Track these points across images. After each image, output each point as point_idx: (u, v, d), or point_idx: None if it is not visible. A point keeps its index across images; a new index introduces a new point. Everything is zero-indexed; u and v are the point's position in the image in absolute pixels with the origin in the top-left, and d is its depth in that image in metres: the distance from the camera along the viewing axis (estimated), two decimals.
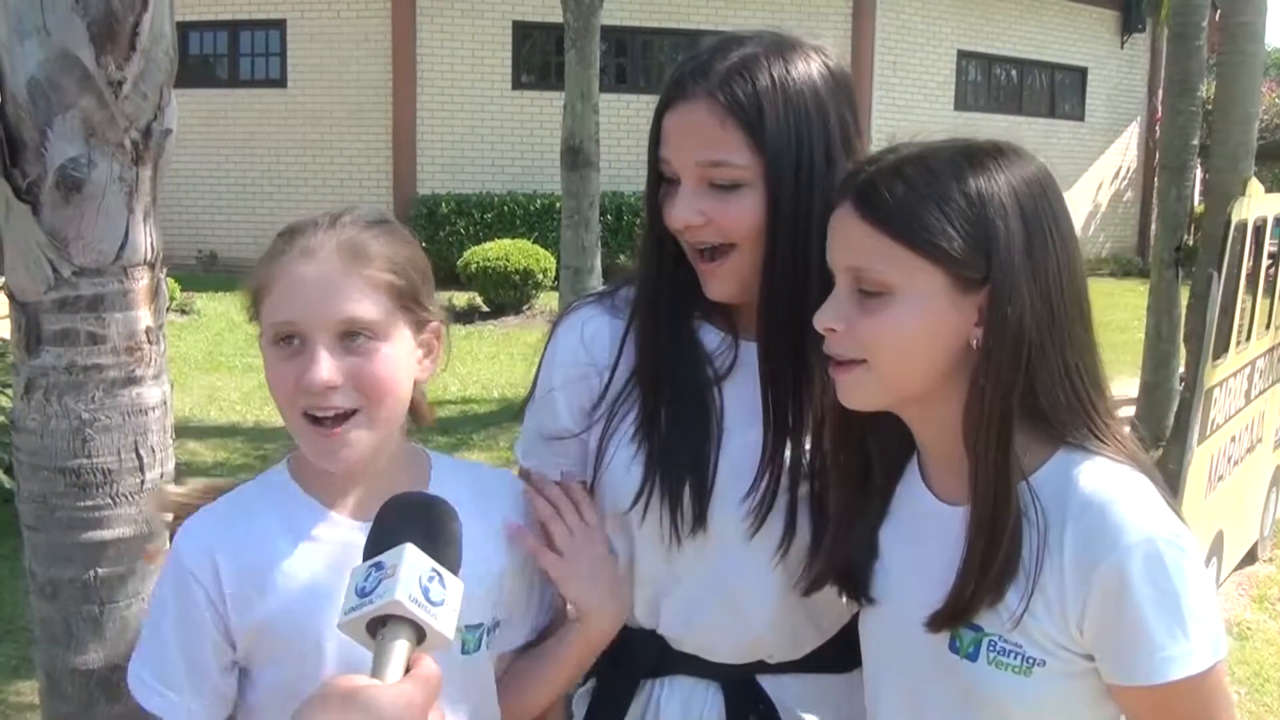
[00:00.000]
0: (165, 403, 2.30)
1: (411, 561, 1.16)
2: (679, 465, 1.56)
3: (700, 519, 1.56)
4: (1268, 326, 5.49)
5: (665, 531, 1.57)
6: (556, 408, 1.67)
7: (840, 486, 1.48)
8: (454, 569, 1.20)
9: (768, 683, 1.63)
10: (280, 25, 15.54)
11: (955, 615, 1.32)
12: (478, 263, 12.57)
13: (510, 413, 8.78)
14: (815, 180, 1.48)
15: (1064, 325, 1.30)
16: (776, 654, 1.63)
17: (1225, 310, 4.71)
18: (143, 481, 2.23)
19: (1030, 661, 1.30)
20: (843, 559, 1.48)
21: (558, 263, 10.24)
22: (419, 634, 1.14)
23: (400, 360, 1.46)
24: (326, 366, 1.39)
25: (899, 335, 1.29)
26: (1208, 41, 7.27)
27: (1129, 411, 7.86)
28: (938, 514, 1.40)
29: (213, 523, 1.49)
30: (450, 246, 14.18)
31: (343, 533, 1.47)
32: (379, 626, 1.14)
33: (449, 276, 13.62)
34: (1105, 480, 1.29)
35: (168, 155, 2.28)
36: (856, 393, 1.36)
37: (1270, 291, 5.44)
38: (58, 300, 2.16)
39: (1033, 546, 1.28)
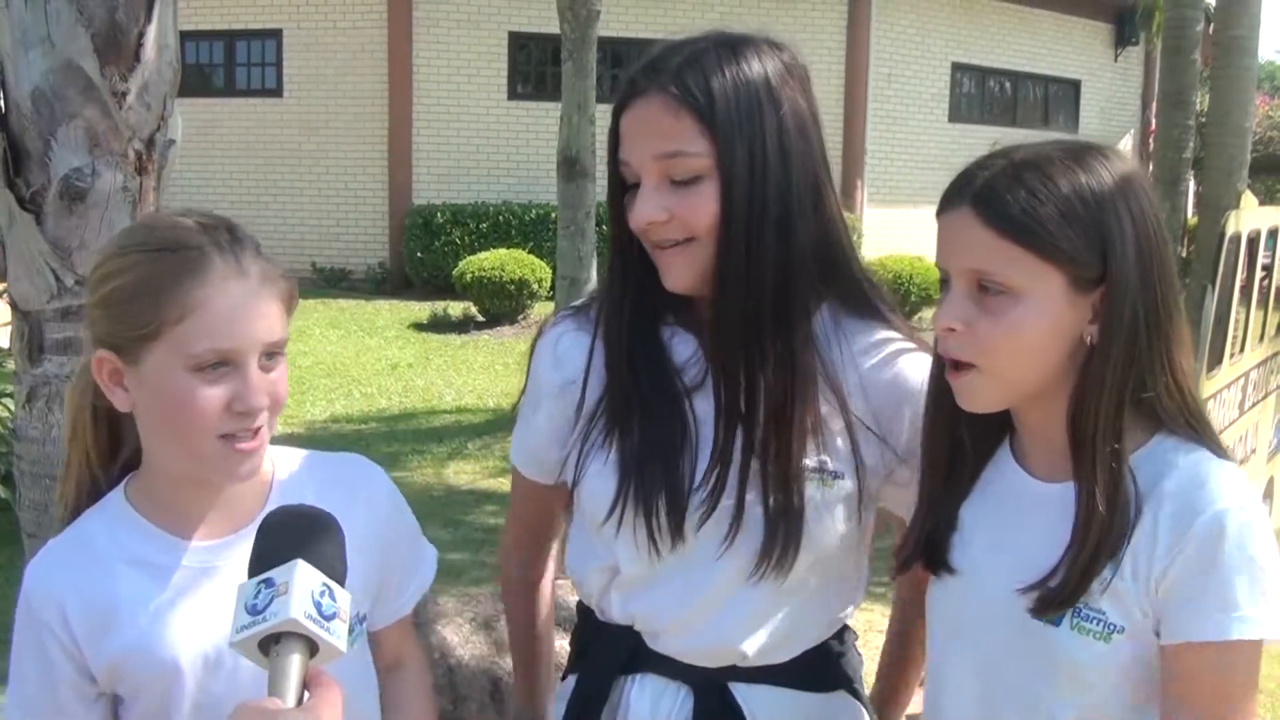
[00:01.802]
0: None
1: (303, 577, 1.17)
2: (652, 478, 1.56)
3: (678, 531, 1.56)
4: (1261, 338, 5.51)
5: (643, 545, 1.58)
6: (539, 426, 1.70)
7: (933, 469, 1.52)
8: (341, 580, 1.22)
9: (741, 691, 1.62)
10: (276, 35, 15.53)
11: (1070, 598, 1.36)
12: (473, 273, 12.57)
13: (504, 423, 8.79)
14: (769, 168, 1.48)
15: (1167, 320, 1.36)
16: (751, 657, 1.62)
17: (1219, 322, 4.73)
18: None
19: (1111, 628, 1.34)
20: (929, 535, 1.52)
21: (553, 273, 10.24)
22: (311, 647, 1.16)
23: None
24: (261, 389, 1.38)
25: (1020, 336, 1.34)
26: (1201, 55, 7.30)
27: None
28: (1034, 492, 1.44)
29: (56, 565, 1.44)
30: (446, 256, 14.19)
31: (191, 558, 1.45)
32: (271, 643, 1.15)
33: (444, 286, 13.64)
34: (1203, 459, 1.35)
35: (170, 165, 2.30)
36: (975, 397, 1.40)
37: (1264, 304, 5.46)
38: (60, 309, 2.18)
39: (1128, 519, 1.34)
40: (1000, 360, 1.35)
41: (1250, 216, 4.96)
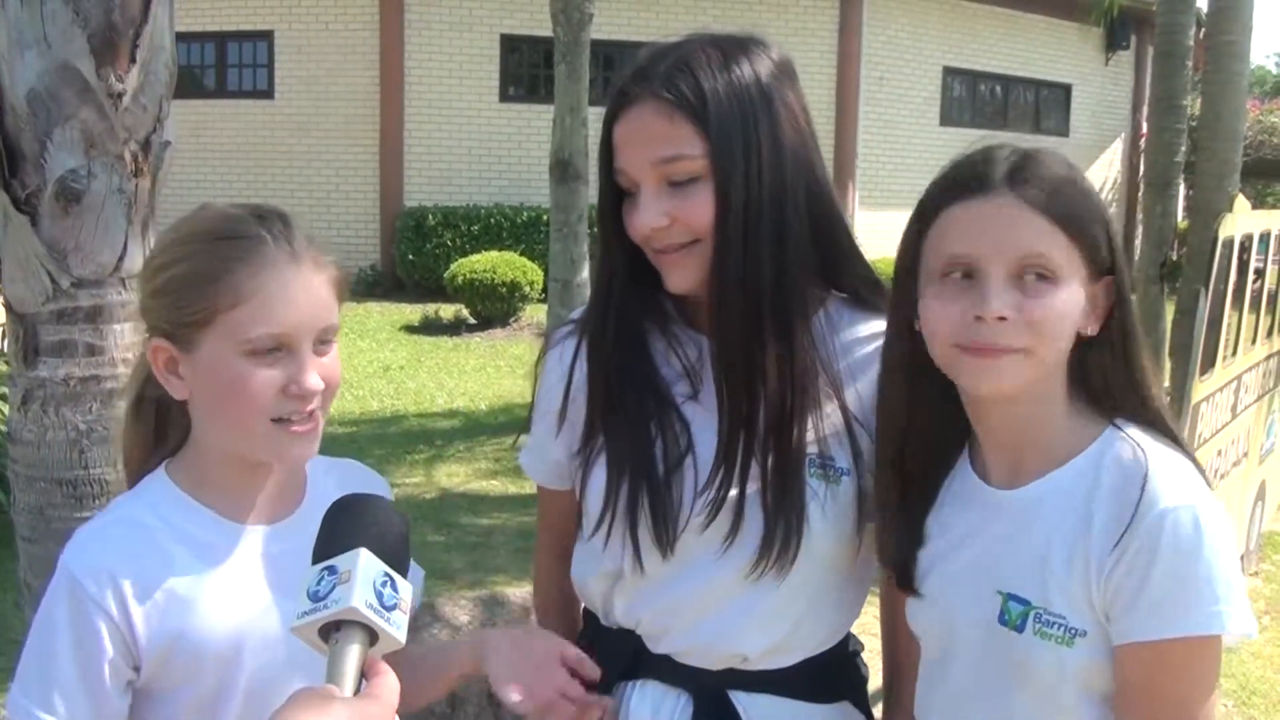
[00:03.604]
0: None
1: (366, 566, 1.17)
2: (635, 497, 1.57)
3: (666, 546, 1.56)
4: (1253, 341, 5.53)
5: (630, 559, 1.59)
6: (549, 437, 1.71)
7: (894, 478, 1.52)
8: (404, 572, 1.22)
9: (741, 699, 1.62)
10: (268, 36, 15.51)
11: None
12: (464, 275, 12.56)
13: (497, 425, 8.78)
14: (764, 164, 1.48)
15: (1136, 316, 1.43)
16: (752, 659, 1.61)
17: (1212, 325, 4.74)
18: None
19: (1073, 632, 1.34)
20: (893, 546, 1.53)
21: (545, 275, 10.22)
22: (371, 637, 1.16)
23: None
24: (314, 372, 1.41)
25: (1064, 319, 1.36)
26: (1192, 59, 7.31)
27: None
28: (992, 499, 1.44)
29: (108, 545, 1.41)
30: (437, 259, 14.18)
31: (246, 540, 1.47)
32: (332, 630, 1.15)
33: (436, 289, 13.62)
34: (1152, 454, 1.34)
35: (166, 167, 2.28)
36: (1009, 377, 1.36)
37: (1256, 307, 5.47)
38: (56, 311, 2.16)
39: (1083, 512, 1.35)
40: (1047, 343, 1.36)
41: (1243, 221, 4.98)
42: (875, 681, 1.77)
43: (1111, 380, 1.41)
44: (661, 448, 1.57)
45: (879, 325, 1.61)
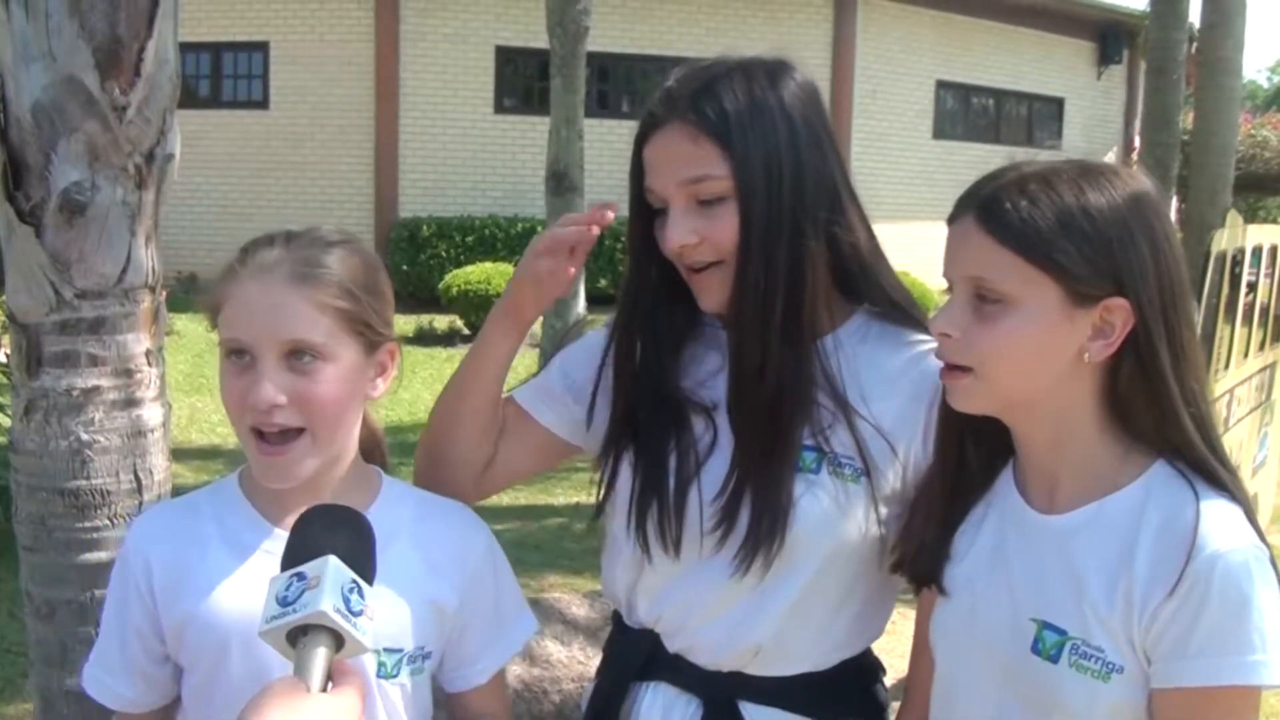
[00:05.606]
0: (164, 424, 2.31)
1: (334, 573, 1.19)
2: (646, 500, 1.62)
3: (671, 547, 1.61)
4: (1245, 354, 5.54)
5: (645, 564, 1.64)
6: (555, 382, 1.76)
7: (935, 482, 1.53)
8: (369, 581, 1.24)
9: (750, 710, 1.64)
10: (263, 47, 15.53)
11: None
12: (459, 286, 12.57)
13: None
14: (784, 184, 1.53)
15: (1179, 343, 1.34)
16: (763, 654, 1.63)
17: (1205, 339, 4.76)
18: (140, 503, 2.23)
19: (1110, 667, 1.32)
20: (914, 550, 1.53)
21: None
22: (338, 642, 1.18)
23: (345, 381, 1.47)
24: (269, 386, 1.42)
25: (1012, 345, 1.34)
26: (1185, 74, 7.36)
27: None
28: (1032, 523, 1.43)
29: (157, 520, 1.60)
30: (431, 269, 14.18)
31: (273, 542, 1.48)
32: (299, 635, 1.17)
33: (430, 299, 13.62)
34: (1201, 495, 1.32)
35: (170, 179, 2.29)
36: (964, 398, 1.40)
37: (1248, 320, 5.49)
38: (59, 322, 2.17)
39: (1127, 548, 1.33)
40: (993, 367, 1.35)
41: (1236, 235, 5.00)
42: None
43: (1135, 408, 1.35)
44: (676, 461, 1.62)
45: (905, 336, 1.65)
